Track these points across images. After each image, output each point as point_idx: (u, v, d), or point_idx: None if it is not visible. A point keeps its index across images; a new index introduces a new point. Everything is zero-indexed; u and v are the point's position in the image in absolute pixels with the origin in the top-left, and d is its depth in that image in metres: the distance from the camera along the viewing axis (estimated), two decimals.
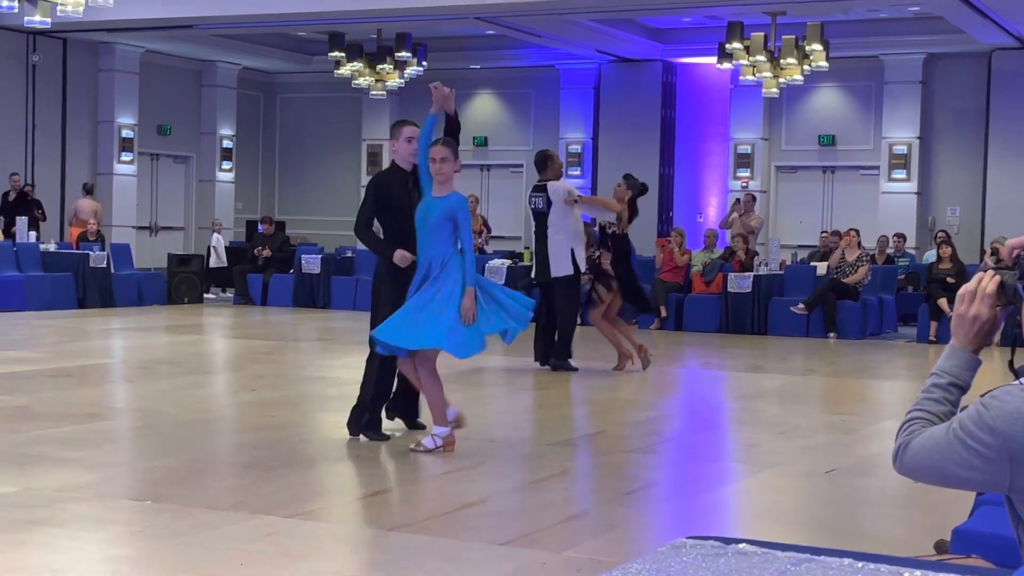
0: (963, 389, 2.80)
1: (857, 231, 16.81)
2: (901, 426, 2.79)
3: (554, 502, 6.31)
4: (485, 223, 19.77)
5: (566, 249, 11.26)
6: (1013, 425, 2.55)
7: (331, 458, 7.32)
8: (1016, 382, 2.71)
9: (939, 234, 18.34)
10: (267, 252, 19.30)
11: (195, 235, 23.97)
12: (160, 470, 6.67)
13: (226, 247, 22.54)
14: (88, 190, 20.49)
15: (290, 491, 6.20)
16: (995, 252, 15.91)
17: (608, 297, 11.68)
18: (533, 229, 11.58)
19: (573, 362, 11.57)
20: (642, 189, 11.83)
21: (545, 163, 11.47)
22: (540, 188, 11.41)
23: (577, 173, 21.90)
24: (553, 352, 11.53)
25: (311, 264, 18.84)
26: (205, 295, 19.69)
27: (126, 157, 22.07)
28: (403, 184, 7.71)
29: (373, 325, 7.52)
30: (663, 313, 16.46)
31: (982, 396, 2.65)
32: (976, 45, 19.05)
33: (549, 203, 11.24)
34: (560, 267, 11.26)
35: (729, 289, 16.26)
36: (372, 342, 7.47)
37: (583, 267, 11.38)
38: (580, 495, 6.67)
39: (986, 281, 2.77)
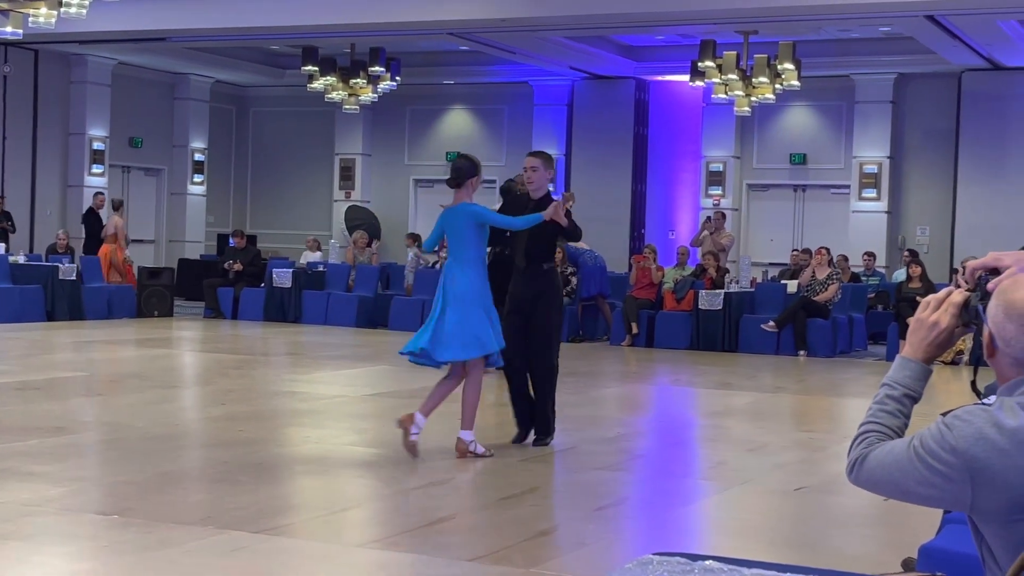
0: (916, 399, 2.82)
1: (828, 249, 16.90)
2: (856, 438, 2.80)
3: (523, 518, 6.29)
4: None
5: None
6: (975, 446, 2.56)
7: (300, 473, 7.29)
8: (979, 402, 2.72)
9: (906, 254, 18.46)
10: (238, 266, 19.23)
11: (166, 248, 23.88)
12: (127, 484, 6.63)
13: (196, 260, 22.49)
14: (115, 206, 20.13)
15: (258, 506, 6.17)
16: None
17: None
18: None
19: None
20: None
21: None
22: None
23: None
24: None
25: (282, 278, 18.78)
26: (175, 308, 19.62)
27: (97, 169, 21.97)
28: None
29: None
30: (634, 330, 16.49)
31: (944, 415, 2.67)
32: (946, 65, 19.20)
33: None
34: None
35: (700, 306, 16.31)
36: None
37: None
38: (550, 511, 6.66)
39: (955, 294, 2.79)
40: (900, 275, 18.24)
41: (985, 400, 2.84)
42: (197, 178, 24.01)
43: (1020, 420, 2.57)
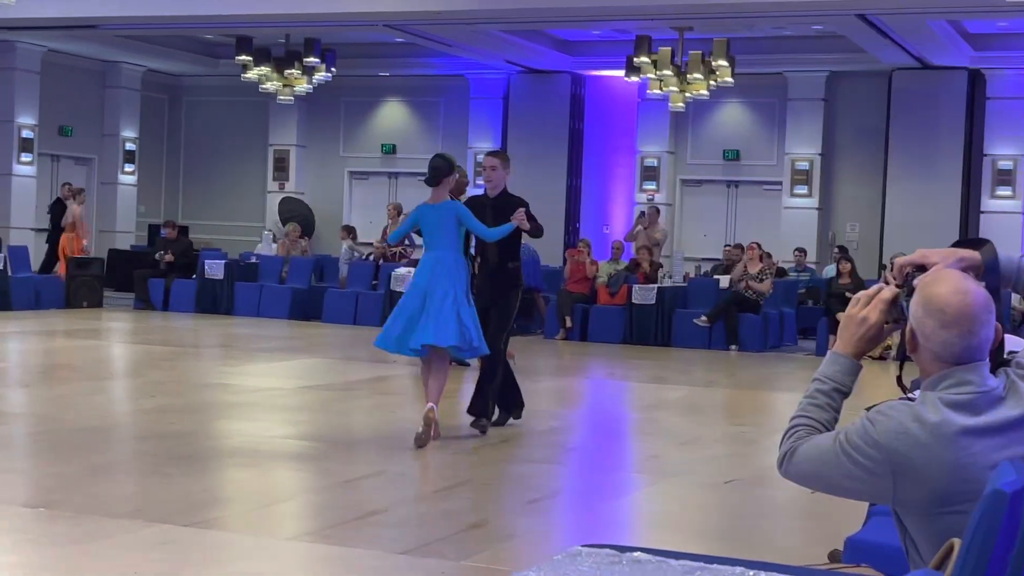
0: (845, 394, 2.87)
1: (759, 244, 17.06)
2: (786, 431, 2.85)
3: (455, 511, 6.30)
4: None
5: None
6: (897, 440, 2.61)
7: (231, 466, 7.25)
8: (902, 397, 2.77)
9: (836, 250, 18.69)
10: (169, 257, 19.05)
11: (96, 238, 23.57)
12: (56, 477, 6.55)
13: (127, 251, 22.22)
14: (73, 194, 19.95)
15: (188, 499, 6.12)
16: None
17: None
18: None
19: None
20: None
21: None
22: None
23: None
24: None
25: (214, 269, 18.63)
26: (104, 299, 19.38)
27: (26, 158, 21.62)
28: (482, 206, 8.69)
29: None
30: (568, 323, 16.54)
31: (868, 410, 2.71)
32: (877, 64, 19.43)
33: None
34: None
35: (634, 301, 16.40)
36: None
37: None
38: (482, 504, 6.67)
39: (885, 291, 2.84)
40: (830, 271, 18.45)
41: (910, 395, 2.90)
42: (128, 168, 23.71)
43: (941, 415, 2.62)
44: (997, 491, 2.16)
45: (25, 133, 21.60)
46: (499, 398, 8.79)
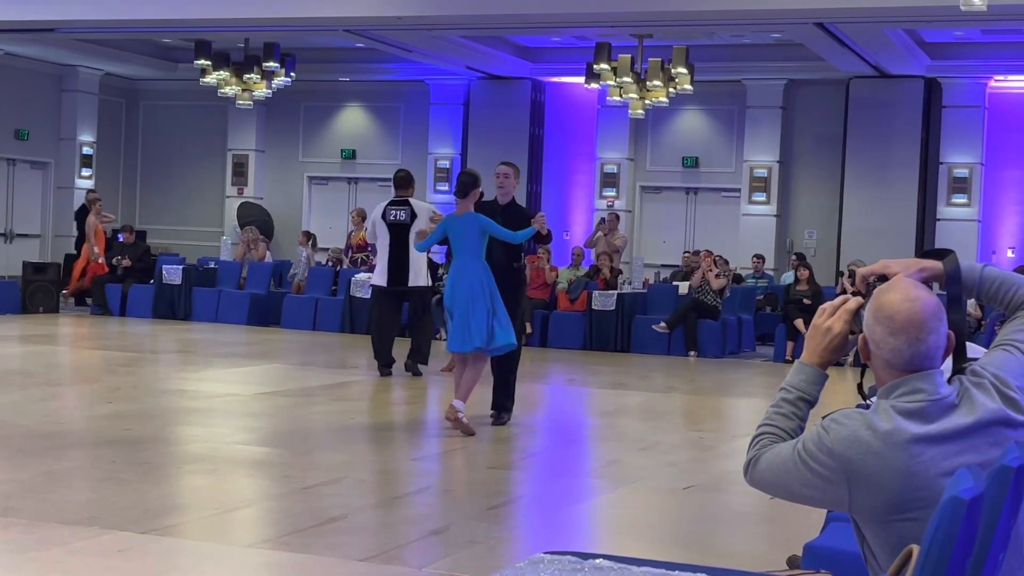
0: (811, 403, 2.89)
1: (711, 252, 17.21)
2: (752, 440, 2.87)
3: (415, 518, 6.29)
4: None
5: (423, 261, 12.25)
6: (850, 448, 2.64)
7: (188, 472, 7.20)
8: (859, 404, 2.79)
9: (794, 257, 18.80)
10: (127, 262, 18.91)
11: (52, 243, 23.37)
12: (9, 483, 6.48)
13: None
14: (89, 203, 20.06)
15: (145, 506, 6.08)
16: (852, 275, 16.36)
17: None
18: (387, 240, 12.18)
19: (423, 368, 12.50)
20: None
21: (410, 181, 12.49)
22: (402, 203, 12.25)
23: (445, 188, 21.90)
24: (412, 356, 12.47)
25: (172, 275, 18.51)
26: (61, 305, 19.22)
27: None
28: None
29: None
30: (528, 329, 16.55)
31: (823, 418, 2.74)
32: (835, 72, 19.58)
33: (413, 216, 12.00)
34: (418, 277, 12.21)
35: (593, 307, 16.43)
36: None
37: (378, 282, 12.37)
38: (442, 511, 6.66)
39: (850, 301, 2.86)
40: (788, 278, 18.57)
41: (869, 400, 2.91)
42: (85, 172, 23.53)
43: (893, 423, 2.64)
44: (955, 498, 2.18)
45: None
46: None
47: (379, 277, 12.29)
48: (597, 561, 2.05)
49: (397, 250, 12.07)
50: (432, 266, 13.67)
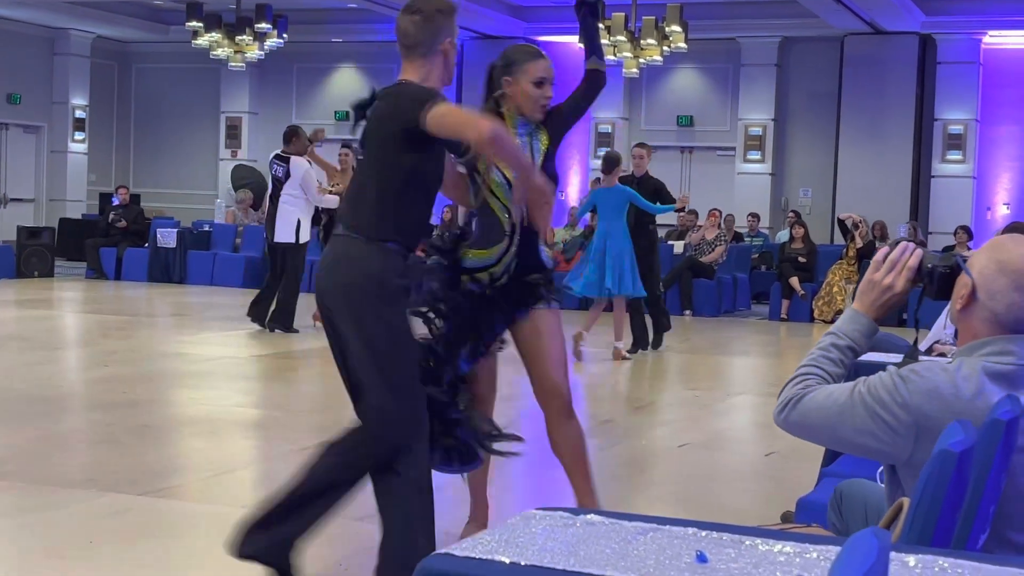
0: (858, 354, 2.76)
1: (720, 211, 17.16)
2: (792, 378, 2.72)
3: None
4: None
5: (293, 218, 12.12)
6: (928, 403, 2.54)
7: (185, 435, 7.23)
8: (924, 360, 2.70)
9: (790, 215, 18.80)
10: (123, 223, 18.88)
11: (46, 207, 23.34)
12: (7, 447, 6.50)
13: (78, 219, 22.01)
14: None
15: (142, 468, 6.10)
16: (850, 225, 16.33)
17: None
18: (269, 192, 12.51)
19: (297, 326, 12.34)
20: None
21: (290, 137, 12.59)
22: (283, 159, 12.36)
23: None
24: (274, 316, 12.29)
25: (167, 238, 18.48)
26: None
27: None
28: None
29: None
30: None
31: (899, 367, 2.61)
32: (829, 30, 19.51)
33: (288, 174, 12.18)
34: (284, 234, 12.15)
35: None
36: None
37: (306, 238, 12.25)
38: (435, 471, 6.67)
39: (908, 255, 2.75)
40: (783, 236, 18.58)
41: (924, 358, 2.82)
42: (78, 136, 23.47)
43: (979, 386, 2.55)
44: (945, 451, 2.19)
45: None
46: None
47: (306, 235, 12.35)
48: (588, 516, 2.06)
49: (271, 204, 12.32)
50: (318, 220, 13.18)
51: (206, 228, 19.17)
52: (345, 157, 13.16)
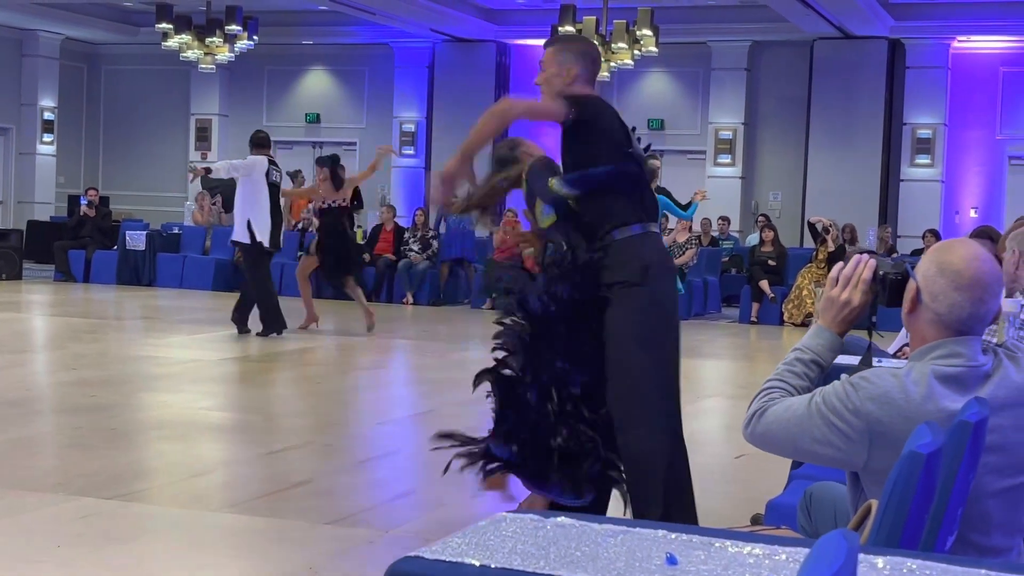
0: (823, 368, 2.79)
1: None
2: (758, 393, 2.76)
3: (382, 481, 6.31)
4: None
5: (243, 219, 12.30)
6: (880, 408, 2.56)
7: (154, 438, 7.19)
8: (854, 370, 2.74)
9: (760, 219, 18.87)
10: (92, 211, 18.81)
11: (14, 209, 23.17)
12: None
13: (47, 222, 21.86)
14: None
15: (111, 472, 6.06)
16: (820, 229, 16.41)
17: (308, 260, 13.06)
18: (267, 199, 12.64)
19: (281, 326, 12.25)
20: (333, 160, 13.10)
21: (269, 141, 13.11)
22: (275, 163, 12.87)
23: (411, 152, 21.84)
24: (263, 321, 12.22)
25: (136, 240, 18.39)
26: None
27: None
28: None
29: None
30: None
31: (849, 375, 2.64)
32: (799, 34, 19.60)
33: (281, 177, 12.80)
34: (238, 233, 12.37)
35: None
36: None
37: (260, 239, 12.20)
38: (408, 474, 6.68)
39: (862, 267, 2.77)
40: (753, 239, 18.64)
41: (878, 363, 2.86)
42: (47, 138, 23.31)
43: (928, 389, 2.57)
44: (914, 452, 2.20)
45: None
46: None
47: (263, 235, 12.21)
48: (558, 519, 2.06)
49: (274, 209, 12.48)
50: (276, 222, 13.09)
51: (175, 231, 19.08)
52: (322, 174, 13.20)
